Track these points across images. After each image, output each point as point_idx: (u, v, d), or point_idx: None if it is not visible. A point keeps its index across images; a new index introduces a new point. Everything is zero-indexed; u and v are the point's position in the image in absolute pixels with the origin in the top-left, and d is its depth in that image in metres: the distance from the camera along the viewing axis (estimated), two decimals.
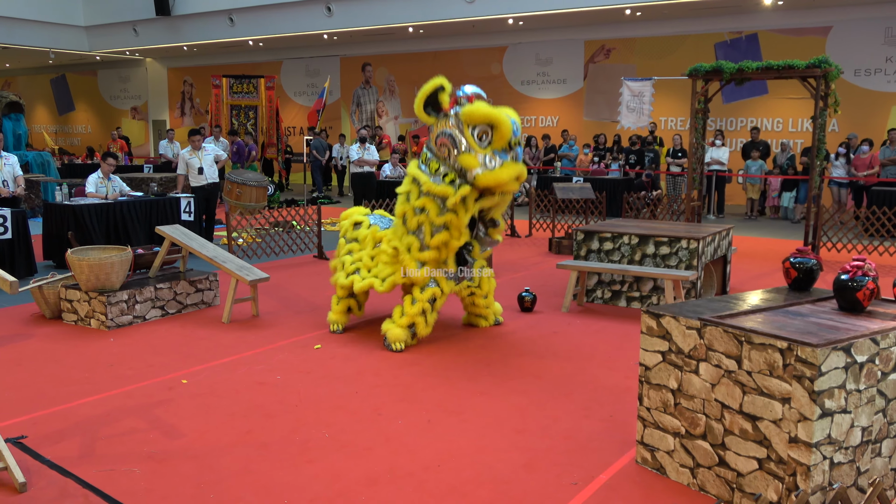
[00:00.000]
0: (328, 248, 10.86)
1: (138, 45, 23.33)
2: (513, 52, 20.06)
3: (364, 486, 3.81)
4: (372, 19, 18.77)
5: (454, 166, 5.80)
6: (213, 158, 11.41)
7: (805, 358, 3.20)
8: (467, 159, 5.72)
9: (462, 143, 5.75)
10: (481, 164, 5.69)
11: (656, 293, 7.44)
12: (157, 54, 25.85)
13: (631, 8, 16.11)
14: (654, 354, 3.90)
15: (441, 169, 5.85)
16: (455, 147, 5.77)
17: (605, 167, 16.40)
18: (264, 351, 6.14)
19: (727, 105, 16.77)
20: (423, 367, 5.68)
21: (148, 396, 5.09)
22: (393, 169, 14.90)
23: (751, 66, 9.68)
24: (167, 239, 7.42)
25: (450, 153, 5.81)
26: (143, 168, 18.76)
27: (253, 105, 19.21)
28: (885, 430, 3.54)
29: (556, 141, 18.29)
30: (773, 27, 16.43)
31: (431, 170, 5.91)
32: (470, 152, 5.72)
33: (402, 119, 22.28)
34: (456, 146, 5.77)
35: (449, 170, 5.83)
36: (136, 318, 6.98)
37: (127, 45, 23.57)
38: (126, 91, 28.06)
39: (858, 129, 15.13)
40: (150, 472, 3.95)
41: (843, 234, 10.79)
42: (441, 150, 5.87)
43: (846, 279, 3.84)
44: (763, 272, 9.41)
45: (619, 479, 3.90)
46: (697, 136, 10.28)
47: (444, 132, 5.86)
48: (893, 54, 15.35)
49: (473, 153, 5.72)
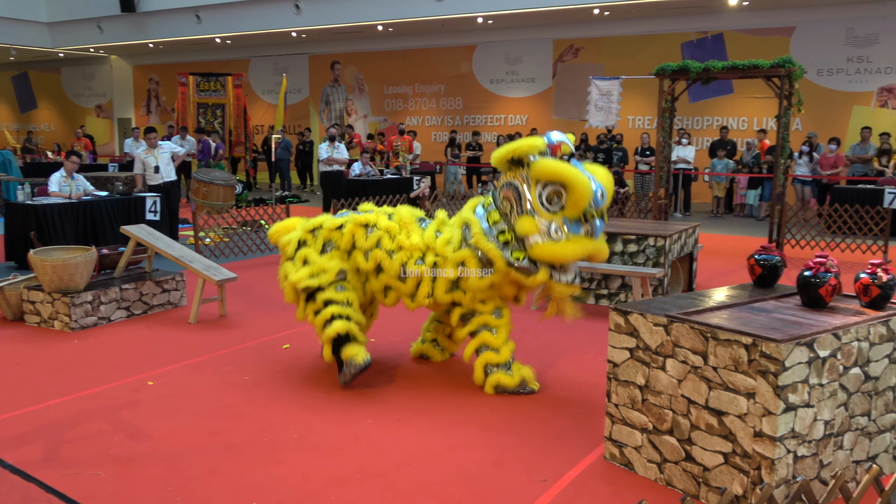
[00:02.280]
0: None
1: (103, 43, 22.98)
2: (482, 50, 20.09)
3: (333, 486, 3.79)
4: (341, 17, 18.69)
5: (512, 226, 4.88)
6: (170, 156, 11.25)
7: (769, 353, 3.25)
8: (525, 223, 4.76)
9: (526, 201, 4.80)
10: (542, 231, 4.72)
11: (624, 290, 7.51)
12: (123, 52, 25.49)
13: (599, 7, 16.22)
14: (622, 351, 3.93)
15: (500, 224, 4.93)
16: (517, 204, 4.84)
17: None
18: (232, 351, 6.09)
19: (694, 104, 16.96)
20: (393, 366, 5.67)
21: (114, 398, 5.02)
22: (363, 167, 14.84)
23: (716, 66, 9.80)
24: (132, 239, 7.32)
25: (512, 209, 4.88)
26: (108, 167, 18.49)
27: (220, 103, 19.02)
28: (846, 423, 3.61)
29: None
30: (738, 27, 16.65)
31: (490, 220, 4.97)
32: (532, 215, 4.77)
33: (371, 117, 22.21)
34: (518, 204, 4.84)
35: (508, 228, 4.91)
36: (100, 320, 6.88)
37: (91, 43, 23.20)
38: (90, 89, 27.63)
39: (821, 128, 15.39)
40: (116, 476, 3.90)
41: (806, 231, 10.96)
42: (504, 204, 4.93)
43: (809, 276, 3.91)
44: (729, 269, 9.53)
45: (588, 475, 3.93)
46: (664, 134, 10.38)
47: (510, 183, 4.89)
48: (855, 55, 15.64)
49: (537, 217, 4.75)
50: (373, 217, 5.32)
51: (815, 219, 11.22)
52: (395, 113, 21.74)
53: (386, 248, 5.17)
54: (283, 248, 5.46)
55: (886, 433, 3.85)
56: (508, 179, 4.91)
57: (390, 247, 5.17)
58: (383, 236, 5.20)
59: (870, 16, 15.37)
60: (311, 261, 5.25)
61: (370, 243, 5.21)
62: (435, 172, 17.99)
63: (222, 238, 11.46)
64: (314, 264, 5.23)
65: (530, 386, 5.13)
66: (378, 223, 5.26)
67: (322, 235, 5.34)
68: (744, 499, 3.42)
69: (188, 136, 17.03)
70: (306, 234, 5.39)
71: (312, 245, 5.33)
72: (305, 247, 5.34)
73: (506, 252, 4.87)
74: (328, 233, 5.33)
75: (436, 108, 21.17)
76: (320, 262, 5.23)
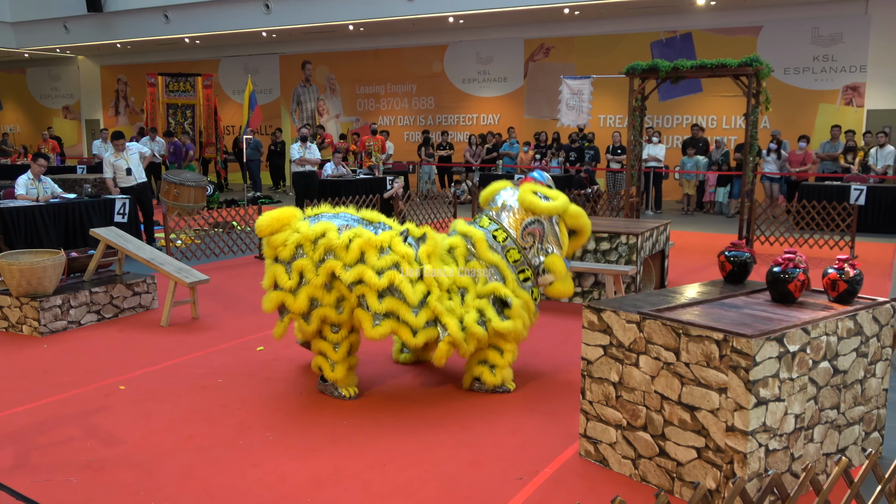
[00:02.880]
0: None
1: (69, 43, 22.65)
2: (454, 50, 20.12)
3: (309, 488, 3.78)
4: (311, 17, 18.60)
5: (532, 261, 5.12)
6: (139, 157, 11.13)
7: (740, 349, 3.30)
8: (558, 262, 5.09)
9: (554, 242, 5.16)
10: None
11: (597, 288, 7.56)
12: (90, 52, 25.15)
13: (569, 7, 16.32)
14: (595, 349, 3.96)
15: (521, 262, 5.09)
16: (542, 242, 5.12)
17: (545, 164, 16.57)
18: (205, 354, 6.04)
19: (664, 103, 17.12)
20: (368, 367, 5.65)
21: (85, 403, 4.95)
22: (335, 168, 14.79)
23: (685, 65, 9.89)
24: (102, 241, 7.23)
25: (533, 246, 5.12)
26: (76, 169, 18.24)
27: (190, 104, 18.87)
28: (816, 416, 3.66)
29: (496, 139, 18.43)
30: (706, 27, 16.84)
31: (510, 259, 5.08)
32: (558, 254, 5.14)
33: (343, 117, 22.14)
34: (543, 241, 5.12)
35: (528, 265, 5.11)
36: (70, 324, 6.79)
37: (57, 43, 22.86)
38: (57, 90, 27.22)
39: (788, 126, 15.62)
40: (88, 481, 3.85)
41: (775, 227, 11.12)
42: (525, 240, 5.12)
43: (778, 271, 3.97)
44: (700, 266, 9.64)
45: (564, 472, 3.95)
46: (635, 133, 10.46)
47: (538, 221, 5.12)
48: (821, 54, 15.88)
49: (561, 256, 5.16)
50: (387, 237, 4.81)
51: (784, 215, 11.38)
52: (368, 113, 21.68)
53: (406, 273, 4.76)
54: (276, 248, 4.85)
55: (855, 426, 3.92)
56: (536, 217, 5.12)
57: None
58: (401, 262, 4.76)
59: (834, 16, 15.63)
60: (307, 279, 4.72)
61: (383, 264, 4.71)
62: (408, 172, 17.98)
63: (194, 240, 11.36)
64: (312, 287, 4.72)
65: (507, 385, 5.13)
66: (394, 246, 4.78)
67: (323, 247, 4.73)
68: (717, 493, 3.46)
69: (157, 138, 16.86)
70: (306, 241, 4.77)
71: (311, 256, 4.74)
72: (303, 258, 4.76)
73: (529, 291, 5.14)
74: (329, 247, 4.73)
75: (408, 108, 21.16)
76: (319, 293, 4.74)
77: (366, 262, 4.69)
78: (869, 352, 3.90)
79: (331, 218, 4.92)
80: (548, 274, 5.14)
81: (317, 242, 4.76)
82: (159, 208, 13.09)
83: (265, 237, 4.92)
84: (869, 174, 13.58)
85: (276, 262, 4.86)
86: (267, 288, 4.92)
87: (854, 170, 13.91)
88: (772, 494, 3.46)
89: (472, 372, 5.12)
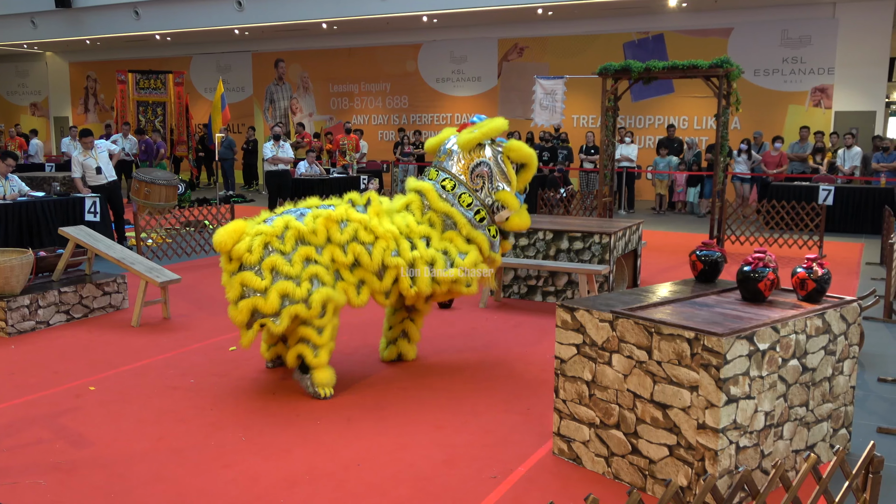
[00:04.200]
0: None
1: (37, 39, 22.26)
2: (428, 49, 20.10)
3: (283, 488, 3.76)
4: (284, 14, 18.47)
5: (485, 201, 5.37)
6: (108, 155, 10.97)
7: (711, 347, 3.33)
8: (509, 197, 5.36)
9: (502, 178, 5.38)
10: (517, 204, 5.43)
11: (571, 287, 7.60)
12: (58, 48, 24.77)
13: (543, 7, 16.37)
14: (569, 347, 3.98)
15: (474, 203, 5.35)
16: (489, 181, 5.36)
17: None
18: (176, 354, 5.98)
19: (636, 103, 17.25)
20: (341, 366, 5.63)
21: (53, 405, 4.88)
22: (309, 167, 14.71)
23: (657, 66, 9.97)
24: (71, 240, 7.13)
25: (484, 186, 5.38)
26: (45, 167, 17.96)
27: (161, 101, 18.64)
28: (786, 413, 3.72)
29: None
30: (678, 28, 16.99)
31: (462, 203, 5.33)
32: (508, 190, 5.38)
33: (316, 116, 22.02)
34: (490, 181, 5.36)
35: (482, 206, 5.37)
36: (39, 324, 6.68)
37: (24, 38, 22.46)
38: (25, 86, 26.78)
39: (758, 127, 15.80)
40: (58, 484, 3.80)
41: (745, 227, 11.25)
42: (475, 182, 5.38)
43: (748, 270, 4.02)
44: (671, 265, 9.73)
45: (537, 470, 3.97)
46: (608, 133, 10.53)
47: (483, 162, 5.36)
48: (790, 56, 16.10)
49: (511, 191, 5.40)
50: (342, 210, 5.04)
51: (754, 215, 11.51)
52: (341, 112, 21.60)
53: (363, 240, 4.98)
54: (240, 257, 4.78)
55: (823, 422, 3.98)
56: (481, 158, 5.36)
57: (368, 239, 5.01)
58: (359, 229, 5.00)
59: (803, 18, 15.85)
60: (284, 272, 4.72)
61: (346, 237, 4.95)
62: (382, 171, 17.93)
63: (165, 239, 11.23)
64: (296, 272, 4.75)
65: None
66: (350, 217, 5.02)
67: (293, 237, 4.83)
68: (688, 490, 3.49)
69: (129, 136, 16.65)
70: (272, 238, 4.81)
71: (281, 249, 4.78)
72: (273, 254, 4.76)
73: (485, 231, 5.41)
74: (299, 235, 4.86)
75: (382, 107, 21.11)
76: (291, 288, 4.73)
77: (331, 239, 4.92)
78: (837, 350, 3.96)
79: (284, 213, 5.07)
80: (503, 210, 5.41)
81: (283, 236, 4.83)
82: (130, 207, 12.94)
83: (226, 251, 4.85)
84: (836, 175, 13.79)
85: (240, 271, 4.80)
86: (233, 300, 4.83)
87: (822, 170, 14.12)
88: (742, 491, 3.50)
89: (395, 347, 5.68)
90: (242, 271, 4.79)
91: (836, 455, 2.70)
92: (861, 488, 2.88)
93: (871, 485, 2.86)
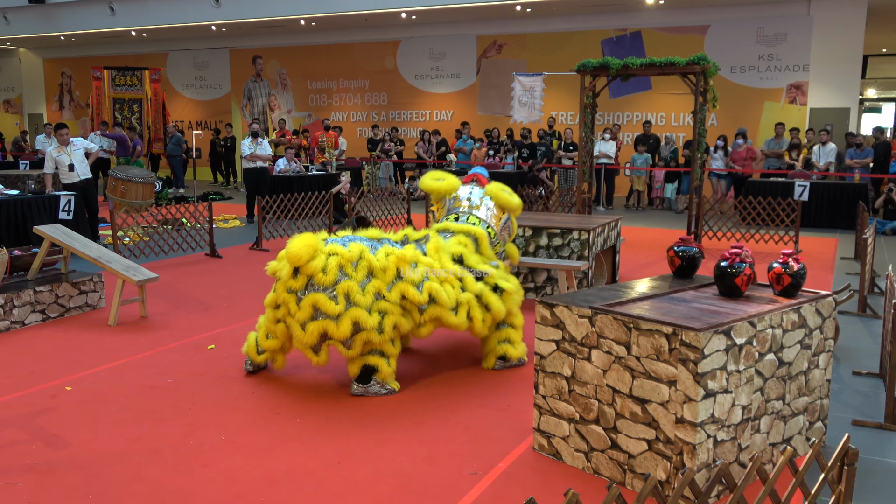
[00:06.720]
0: (220, 246, 10.59)
1: (9, 34, 21.96)
2: (406, 46, 20.06)
3: (263, 487, 3.74)
4: (261, 11, 18.36)
5: (497, 251, 5.94)
6: (84, 153, 10.84)
7: (689, 342, 3.36)
8: (515, 251, 6.16)
9: (509, 231, 6.03)
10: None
11: (550, 283, 7.62)
12: (32, 44, 24.45)
13: (521, 4, 16.40)
14: (548, 343, 4.00)
15: (500, 253, 6.00)
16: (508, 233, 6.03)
17: (500, 161, 16.65)
18: (154, 353, 5.93)
19: (615, 100, 17.33)
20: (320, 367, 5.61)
21: (29, 405, 4.83)
22: (287, 164, 14.63)
23: (635, 63, 10.03)
24: (47, 239, 7.05)
25: (500, 237, 5.94)
26: (19, 165, 17.73)
27: (137, 98, 18.47)
28: (762, 407, 3.75)
29: (448, 135, 18.41)
30: (655, 25, 17.09)
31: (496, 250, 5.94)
32: (510, 242, 6.16)
33: (295, 113, 21.91)
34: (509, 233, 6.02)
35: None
36: (13, 324, 6.60)
37: None
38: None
39: (735, 124, 15.95)
40: (34, 485, 3.76)
41: (722, 223, 11.35)
42: (502, 234, 5.94)
43: (725, 266, 4.05)
44: (650, 261, 9.79)
45: (518, 466, 3.98)
46: (586, 130, 10.57)
47: (508, 217, 5.97)
48: (765, 53, 16.24)
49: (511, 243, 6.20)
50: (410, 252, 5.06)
51: (731, 211, 11.61)
52: (320, 108, 21.51)
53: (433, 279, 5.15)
54: (312, 275, 4.75)
55: (800, 416, 4.03)
56: (507, 214, 5.92)
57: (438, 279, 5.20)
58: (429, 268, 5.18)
59: (779, 16, 16.00)
60: (356, 300, 4.71)
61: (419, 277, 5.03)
62: (361, 168, 17.88)
63: (142, 237, 11.13)
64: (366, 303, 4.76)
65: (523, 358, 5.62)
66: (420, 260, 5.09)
67: (365, 268, 4.85)
68: (667, 484, 3.52)
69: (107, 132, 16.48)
70: (347, 263, 4.80)
71: (355, 278, 4.78)
72: (347, 280, 4.77)
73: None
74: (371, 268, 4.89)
75: (360, 104, 21.04)
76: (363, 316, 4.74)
77: (403, 277, 4.96)
78: (812, 344, 4.01)
79: (356, 239, 5.04)
80: (506, 260, 6.09)
81: (357, 264, 4.84)
82: (104, 205, 12.80)
83: (300, 265, 4.75)
84: (812, 171, 13.95)
85: (310, 289, 4.76)
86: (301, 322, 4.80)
87: (798, 166, 14.27)
88: (720, 484, 3.54)
89: (495, 352, 5.52)
90: (315, 292, 4.74)
91: (812, 448, 2.74)
92: (836, 480, 2.92)
93: (847, 476, 2.90)
